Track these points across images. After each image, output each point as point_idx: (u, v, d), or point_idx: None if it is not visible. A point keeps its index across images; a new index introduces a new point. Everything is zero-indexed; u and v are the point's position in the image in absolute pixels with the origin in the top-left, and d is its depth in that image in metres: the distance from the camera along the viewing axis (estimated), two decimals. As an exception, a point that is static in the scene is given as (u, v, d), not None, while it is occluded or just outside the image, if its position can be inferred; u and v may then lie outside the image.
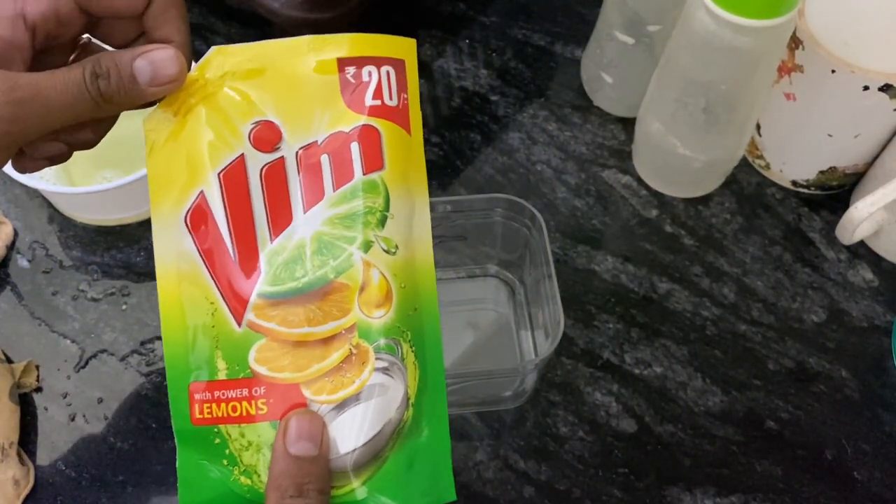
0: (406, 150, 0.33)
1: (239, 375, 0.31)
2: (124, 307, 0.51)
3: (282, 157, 0.32)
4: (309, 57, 0.32)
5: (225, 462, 0.31)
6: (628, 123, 0.58)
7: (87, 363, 0.49)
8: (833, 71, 0.47)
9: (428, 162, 0.56)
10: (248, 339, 0.31)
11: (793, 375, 0.49)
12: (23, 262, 0.52)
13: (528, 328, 0.50)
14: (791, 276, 0.53)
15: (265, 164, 0.31)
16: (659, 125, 0.51)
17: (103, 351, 0.49)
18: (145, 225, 0.54)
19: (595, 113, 0.59)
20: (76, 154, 0.34)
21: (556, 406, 0.48)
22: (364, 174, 0.31)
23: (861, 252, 0.54)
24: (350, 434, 0.30)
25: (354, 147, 0.31)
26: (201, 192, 0.31)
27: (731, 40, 0.43)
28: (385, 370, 0.30)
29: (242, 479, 0.31)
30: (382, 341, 0.31)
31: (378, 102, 0.32)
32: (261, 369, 0.31)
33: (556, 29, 0.64)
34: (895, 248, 0.53)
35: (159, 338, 0.50)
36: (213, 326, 0.31)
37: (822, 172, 0.54)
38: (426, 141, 0.57)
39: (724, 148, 0.51)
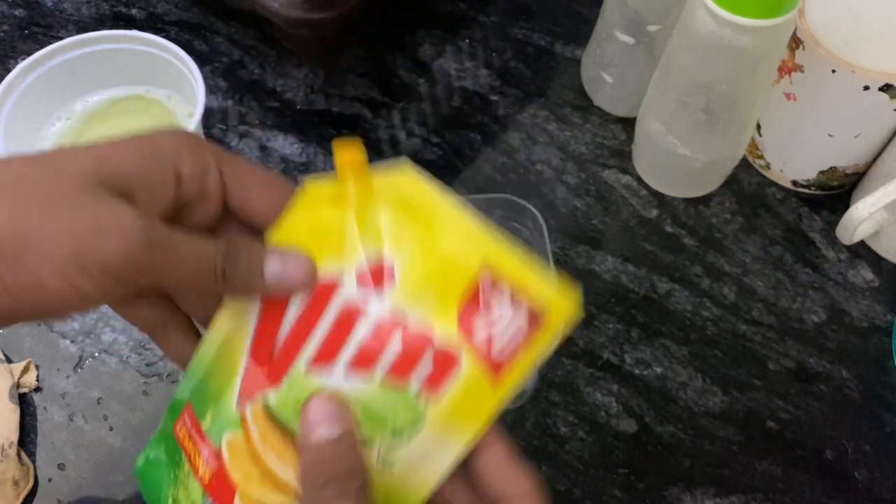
0: (476, 402, 0.28)
1: (212, 437, 0.30)
2: (124, 307, 0.51)
3: (367, 306, 0.29)
4: (457, 234, 0.29)
5: (174, 473, 0.32)
6: (628, 123, 0.57)
7: (86, 363, 0.49)
8: (833, 71, 0.47)
9: (428, 162, 0.57)
10: (233, 422, 0.30)
11: (793, 375, 0.49)
12: (22, 262, 0.52)
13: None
14: (791, 276, 0.53)
15: (351, 302, 0.29)
16: (659, 125, 0.51)
17: (103, 351, 0.49)
18: (145, 225, 0.54)
19: (595, 113, 0.59)
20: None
21: (556, 406, 0.48)
22: (415, 392, 0.28)
23: (861, 252, 0.54)
24: None
25: (427, 359, 0.28)
26: None
27: (731, 40, 0.43)
28: None
29: (171, 497, 0.31)
30: None
31: (484, 345, 0.28)
32: (224, 453, 0.30)
33: (556, 29, 0.64)
34: (895, 247, 0.52)
35: (159, 338, 0.50)
36: (226, 382, 0.31)
37: (822, 172, 0.54)
38: (426, 141, 0.58)
39: (725, 148, 0.51)
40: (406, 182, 0.30)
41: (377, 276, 0.29)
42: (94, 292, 0.26)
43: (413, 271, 0.28)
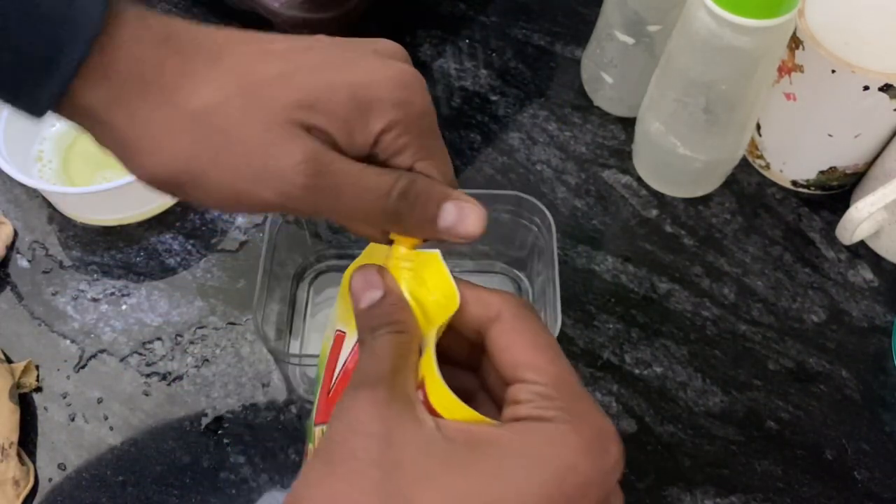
0: None
1: (308, 435, 0.33)
2: (124, 307, 0.51)
3: None
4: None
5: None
6: (628, 123, 0.57)
7: (86, 363, 0.49)
8: (833, 71, 0.47)
9: (428, 162, 0.56)
10: (310, 437, 0.32)
11: (793, 375, 0.49)
12: (23, 263, 0.52)
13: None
14: (791, 276, 0.53)
15: None
16: (659, 125, 0.51)
17: (103, 351, 0.49)
18: (145, 225, 0.54)
19: (595, 113, 0.59)
20: (76, 153, 0.34)
21: (556, 406, 0.48)
22: None
23: (861, 252, 0.54)
24: None
25: None
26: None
27: (731, 40, 0.43)
28: None
29: None
30: None
31: None
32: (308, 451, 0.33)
33: (556, 29, 0.64)
34: (895, 247, 0.53)
35: (159, 338, 0.50)
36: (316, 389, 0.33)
37: (822, 172, 0.54)
38: (426, 141, 0.58)
39: (725, 148, 0.51)
40: (430, 260, 0.32)
41: None
42: (278, 200, 0.28)
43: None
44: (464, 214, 0.30)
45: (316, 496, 0.25)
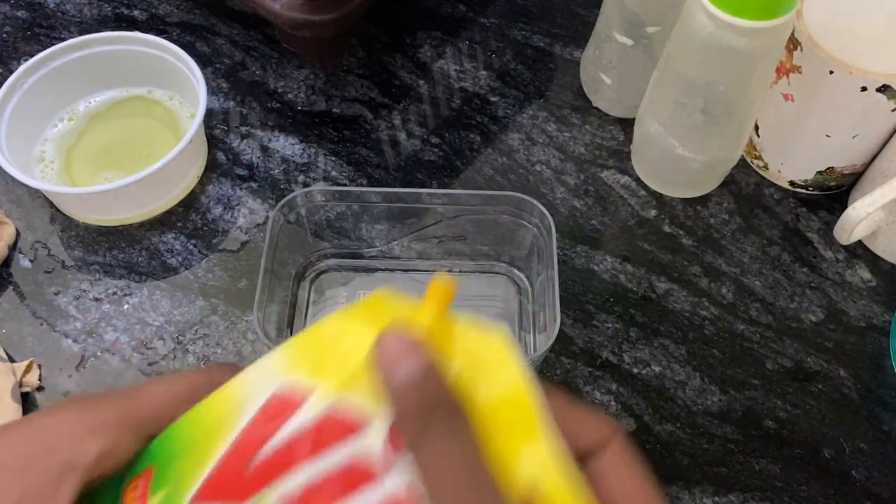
0: None
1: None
2: (126, 307, 0.51)
3: (384, 474, 0.22)
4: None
5: None
6: (627, 124, 0.58)
7: (88, 363, 0.49)
8: (831, 72, 0.48)
9: (428, 162, 0.57)
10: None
11: (791, 375, 0.49)
12: (25, 262, 0.53)
13: (531, 328, 0.50)
14: (789, 276, 0.53)
15: (366, 459, 0.22)
16: (658, 126, 0.51)
17: (105, 351, 0.49)
18: (146, 225, 0.54)
19: (594, 114, 0.60)
20: (78, 154, 0.33)
21: (555, 405, 0.48)
22: None
23: (859, 252, 0.54)
24: None
25: None
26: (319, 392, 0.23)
27: (729, 41, 0.43)
28: None
29: None
30: None
31: None
32: None
33: (555, 30, 0.64)
34: (893, 248, 0.53)
35: (161, 338, 0.50)
36: (190, 471, 0.25)
37: (820, 173, 0.54)
38: (426, 141, 0.58)
39: (723, 148, 0.51)
40: (491, 344, 0.23)
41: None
42: None
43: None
44: None
45: None
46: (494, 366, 0.22)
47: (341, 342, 0.24)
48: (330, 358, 0.23)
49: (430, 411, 0.20)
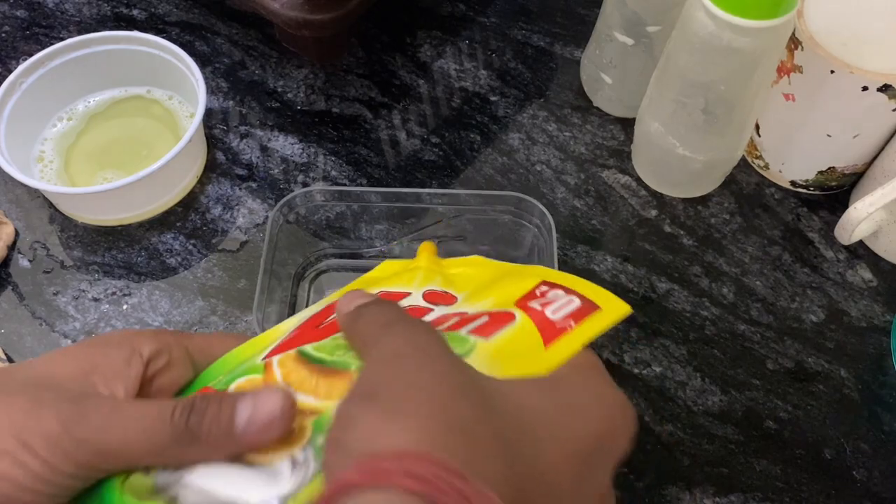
0: (525, 351, 0.29)
1: (217, 387, 0.30)
2: (125, 307, 0.51)
3: (431, 310, 0.33)
4: (517, 273, 0.35)
5: None
6: (628, 124, 0.58)
7: (87, 363, 0.49)
8: (832, 71, 0.47)
9: (428, 162, 0.57)
10: (251, 370, 0.30)
11: (792, 375, 0.49)
12: (24, 263, 0.53)
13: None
14: (790, 276, 0.53)
15: (416, 306, 0.34)
16: (658, 125, 0.51)
17: (104, 351, 0.49)
18: (146, 225, 0.54)
19: (594, 113, 0.59)
20: (77, 154, 0.34)
21: (555, 405, 0.48)
22: (466, 332, 0.30)
23: (860, 252, 0.54)
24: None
25: (483, 318, 0.30)
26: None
27: (730, 41, 0.43)
28: (294, 463, 0.26)
29: None
30: (321, 440, 0.27)
31: (539, 310, 0.30)
32: (231, 388, 0.30)
33: (555, 29, 0.64)
34: (894, 248, 0.53)
35: (160, 337, 0.50)
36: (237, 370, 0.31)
37: (821, 173, 0.54)
38: (426, 141, 0.58)
39: (723, 148, 0.51)
40: (473, 260, 0.38)
41: (441, 297, 0.34)
42: (41, 469, 0.26)
43: (473, 294, 0.34)
44: (259, 397, 0.27)
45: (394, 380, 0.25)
46: (475, 264, 0.37)
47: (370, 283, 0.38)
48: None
49: (388, 323, 0.27)
